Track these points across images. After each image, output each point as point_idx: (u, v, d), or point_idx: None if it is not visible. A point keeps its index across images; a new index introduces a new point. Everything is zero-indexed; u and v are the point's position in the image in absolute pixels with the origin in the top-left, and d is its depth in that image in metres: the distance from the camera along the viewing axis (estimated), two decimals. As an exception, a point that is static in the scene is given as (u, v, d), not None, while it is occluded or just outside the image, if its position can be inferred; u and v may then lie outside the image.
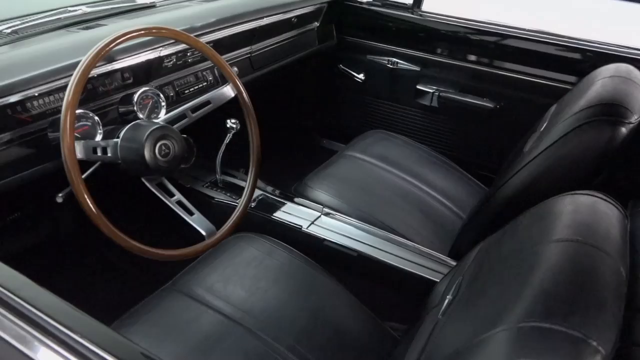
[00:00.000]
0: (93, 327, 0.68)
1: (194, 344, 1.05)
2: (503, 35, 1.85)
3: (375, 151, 1.81)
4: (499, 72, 1.88)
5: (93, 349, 0.63)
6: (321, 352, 1.09)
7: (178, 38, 1.18)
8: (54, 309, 0.68)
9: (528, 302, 0.59)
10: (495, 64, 1.88)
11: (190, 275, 1.21)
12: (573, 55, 1.74)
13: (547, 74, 1.79)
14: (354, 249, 1.38)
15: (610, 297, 0.60)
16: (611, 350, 0.55)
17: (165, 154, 1.09)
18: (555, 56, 1.77)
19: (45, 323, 0.65)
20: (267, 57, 1.77)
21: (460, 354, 0.62)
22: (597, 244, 0.67)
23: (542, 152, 1.20)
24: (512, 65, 1.86)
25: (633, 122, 1.14)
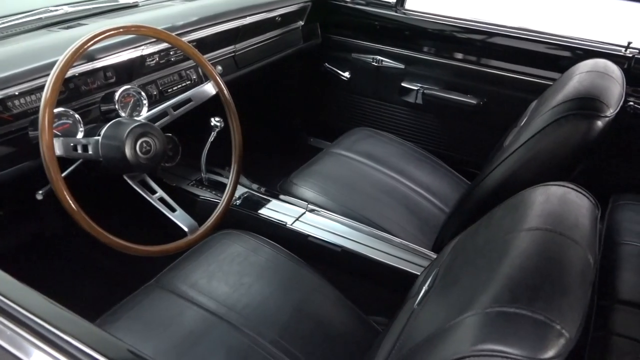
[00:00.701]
0: (79, 325, 0.69)
1: (178, 340, 1.05)
2: (486, 33, 1.87)
3: (360, 148, 1.82)
4: (482, 69, 1.90)
5: (79, 347, 0.64)
6: (304, 345, 1.11)
7: (157, 36, 1.18)
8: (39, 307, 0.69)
9: (496, 289, 0.61)
10: (478, 61, 1.91)
11: (174, 272, 1.22)
12: (554, 52, 1.77)
13: (529, 70, 1.82)
14: (338, 244, 1.39)
15: (576, 283, 0.62)
16: (575, 333, 0.56)
17: (146, 151, 1.09)
18: (537, 53, 1.80)
19: (30, 321, 0.66)
20: (252, 56, 1.78)
21: (432, 339, 0.63)
22: (565, 232, 0.69)
23: (521, 146, 1.22)
24: (495, 62, 1.88)
25: (609, 115, 1.16)
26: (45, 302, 0.72)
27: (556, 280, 0.61)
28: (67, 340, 0.65)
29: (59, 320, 0.68)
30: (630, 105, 1.68)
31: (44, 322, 0.66)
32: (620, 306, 1.26)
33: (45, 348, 0.64)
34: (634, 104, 1.67)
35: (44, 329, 0.65)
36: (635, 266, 1.37)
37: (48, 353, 0.64)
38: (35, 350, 0.65)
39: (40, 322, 0.66)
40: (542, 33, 1.80)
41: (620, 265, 1.38)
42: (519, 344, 0.54)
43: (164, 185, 1.62)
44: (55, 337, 0.65)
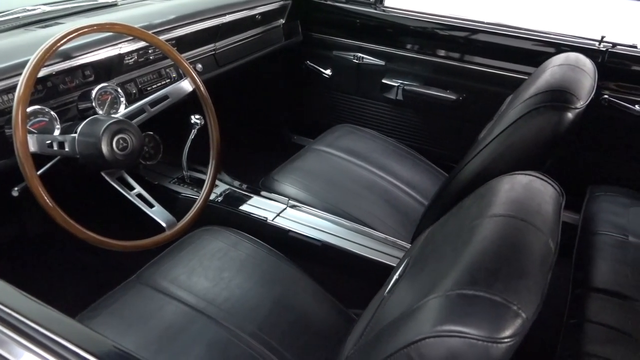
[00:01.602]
0: (59, 320, 0.70)
1: (157, 334, 1.06)
2: (464, 29, 1.89)
3: (342, 144, 1.84)
4: (461, 64, 1.92)
5: (61, 342, 0.65)
6: (283, 337, 1.12)
7: (131, 33, 1.19)
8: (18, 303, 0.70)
9: (457, 273, 0.63)
10: (457, 56, 1.93)
11: (154, 268, 1.23)
12: (531, 47, 1.79)
13: (507, 66, 1.84)
14: (318, 239, 1.41)
15: (535, 266, 0.64)
16: (533, 314, 0.58)
17: (123, 147, 1.10)
18: (514, 48, 1.82)
19: (10, 318, 0.67)
20: (233, 54, 1.79)
21: (396, 322, 0.65)
22: (527, 219, 0.71)
23: (494, 138, 1.25)
24: (473, 57, 1.90)
25: (579, 107, 1.18)
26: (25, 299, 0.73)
27: (515, 263, 0.63)
28: (48, 335, 0.65)
29: (39, 316, 0.68)
30: (605, 98, 1.71)
31: (24, 318, 0.67)
32: (595, 294, 1.29)
33: (25, 344, 0.65)
34: (609, 97, 1.71)
35: (24, 325, 0.66)
36: (610, 255, 1.41)
37: (29, 349, 0.65)
38: (16, 347, 0.65)
39: (21, 318, 0.67)
40: (519, 29, 1.83)
41: (596, 254, 1.41)
42: (477, 324, 0.56)
43: (145, 183, 1.63)
44: (35, 332, 0.66)
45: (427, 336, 0.57)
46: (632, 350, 1.15)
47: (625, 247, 1.42)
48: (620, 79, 1.70)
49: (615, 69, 1.69)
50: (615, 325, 1.20)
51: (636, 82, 1.68)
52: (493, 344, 0.55)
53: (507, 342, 0.55)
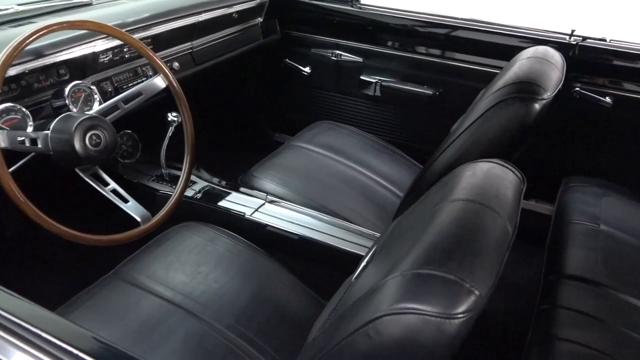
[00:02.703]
0: (37, 313, 0.71)
1: (134, 327, 1.07)
2: (440, 25, 1.92)
3: (320, 141, 1.86)
4: (437, 60, 1.96)
5: (44, 337, 0.66)
6: (260, 329, 1.14)
7: (102, 30, 1.20)
8: None
9: (415, 254, 0.65)
10: (433, 52, 1.96)
11: (132, 263, 1.24)
12: (504, 42, 1.83)
13: (482, 60, 1.88)
14: (295, 232, 1.42)
15: (490, 247, 0.66)
16: (486, 292, 0.60)
17: (96, 143, 1.11)
18: (488, 43, 1.86)
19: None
20: (210, 52, 1.80)
21: (357, 302, 0.67)
22: (484, 202, 0.73)
23: (465, 130, 1.27)
24: (449, 53, 1.93)
25: (546, 98, 1.21)
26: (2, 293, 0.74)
27: (470, 244, 0.65)
28: (27, 328, 0.67)
29: (17, 309, 0.70)
30: (577, 91, 1.75)
31: (5, 313, 0.68)
32: (567, 281, 1.33)
33: (4, 336, 0.66)
34: (580, 89, 1.74)
35: (6, 320, 0.67)
36: (582, 243, 1.44)
37: (8, 341, 0.66)
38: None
39: (3, 314, 0.68)
40: (493, 24, 1.86)
41: (568, 242, 1.45)
42: (431, 301, 0.58)
43: (125, 182, 1.64)
44: (14, 325, 0.67)
45: (384, 314, 0.59)
46: (602, 334, 1.18)
47: (597, 235, 1.46)
48: (591, 71, 1.73)
49: (586, 62, 1.73)
50: (586, 310, 1.23)
51: (606, 75, 1.72)
52: (447, 320, 0.57)
53: (461, 318, 0.57)
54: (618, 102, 1.70)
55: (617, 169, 1.82)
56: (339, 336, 0.63)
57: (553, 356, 1.09)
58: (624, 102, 1.70)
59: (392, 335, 0.58)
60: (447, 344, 0.58)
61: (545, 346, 1.12)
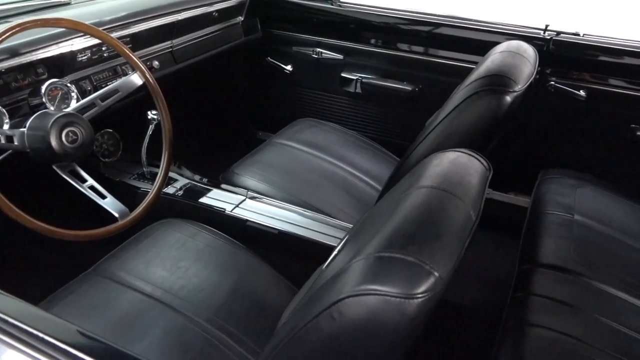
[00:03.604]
0: (24, 309, 0.72)
1: (113, 322, 1.08)
2: (418, 22, 1.95)
3: (302, 138, 1.88)
4: (416, 56, 1.98)
5: (31, 331, 0.67)
6: (239, 321, 1.15)
7: (78, 28, 1.21)
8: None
9: (378, 238, 0.67)
10: (412, 49, 1.99)
11: (111, 260, 1.25)
12: (481, 37, 1.86)
13: (459, 56, 1.91)
14: (275, 227, 1.44)
15: (451, 231, 0.68)
16: (446, 274, 0.62)
17: (72, 140, 1.12)
18: (465, 39, 1.89)
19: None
20: (191, 51, 1.81)
21: (323, 286, 0.69)
22: (448, 189, 0.75)
23: (439, 123, 1.30)
24: (427, 49, 1.97)
25: (517, 90, 1.24)
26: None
27: (431, 228, 0.67)
28: (11, 322, 0.68)
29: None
30: (552, 85, 1.78)
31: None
32: (540, 269, 1.35)
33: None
34: (555, 83, 1.78)
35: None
36: (556, 233, 1.47)
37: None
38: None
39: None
40: (470, 20, 1.89)
41: (543, 232, 1.48)
42: (391, 283, 0.60)
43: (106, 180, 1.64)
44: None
45: (347, 296, 0.60)
46: (574, 320, 1.21)
47: (571, 225, 1.49)
48: (565, 65, 1.77)
49: (560, 56, 1.76)
50: (558, 297, 1.26)
51: (580, 68, 1.76)
52: (407, 300, 0.59)
53: (420, 298, 0.59)
54: (591, 95, 1.74)
55: (592, 161, 1.86)
56: (305, 319, 0.65)
57: (525, 341, 1.12)
58: (597, 95, 1.74)
59: (354, 315, 0.60)
60: (408, 323, 0.60)
61: (518, 332, 1.15)
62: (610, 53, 1.71)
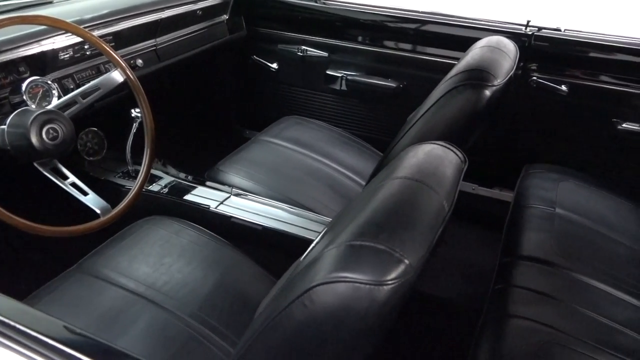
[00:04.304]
0: (8, 305, 0.73)
1: (95, 318, 1.09)
2: (402, 19, 1.97)
3: (287, 135, 1.88)
4: (400, 53, 2.00)
5: (16, 327, 0.68)
6: (222, 316, 1.16)
7: (56, 25, 1.20)
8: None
9: (351, 228, 0.68)
10: (396, 46, 2.00)
11: (95, 257, 1.25)
12: (464, 34, 1.88)
13: (443, 52, 1.93)
14: (259, 223, 1.45)
15: (422, 221, 0.69)
16: (417, 262, 0.63)
17: (53, 137, 1.12)
18: (448, 35, 1.91)
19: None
20: (175, 49, 1.81)
21: (297, 275, 0.70)
22: (421, 179, 0.76)
23: (420, 118, 1.31)
24: (411, 46, 1.98)
25: (496, 84, 1.25)
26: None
27: (402, 217, 0.68)
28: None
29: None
30: (534, 80, 1.80)
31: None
32: (521, 261, 1.37)
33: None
34: (537, 78, 1.80)
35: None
36: (538, 226, 1.49)
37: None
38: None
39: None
40: (453, 16, 1.91)
41: (524, 226, 1.49)
42: (361, 270, 0.61)
43: (92, 179, 1.65)
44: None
45: (318, 283, 0.61)
46: (554, 311, 1.23)
47: (552, 218, 1.50)
48: (547, 61, 1.79)
49: (542, 52, 1.78)
50: (538, 289, 1.28)
51: (561, 64, 1.78)
52: (376, 287, 0.60)
53: (390, 284, 0.60)
54: (573, 90, 1.76)
55: (574, 155, 1.88)
56: (278, 308, 0.66)
57: (504, 332, 1.13)
58: (578, 90, 1.76)
59: (325, 303, 0.61)
60: (378, 310, 0.61)
61: (498, 323, 1.16)
62: (591, 48, 1.73)
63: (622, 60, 1.72)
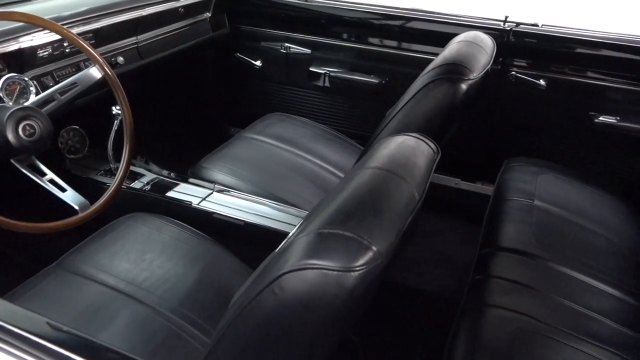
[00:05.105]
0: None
1: (76, 314, 1.09)
2: (383, 16, 1.98)
3: (270, 132, 1.89)
4: (382, 49, 2.02)
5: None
6: (203, 310, 1.16)
7: (32, 22, 1.20)
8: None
9: (321, 217, 0.69)
10: (378, 42, 2.02)
11: (75, 254, 1.25)
12: (444, 29, 1.89)
13: (424, 48, 1.94)
14: (241, 219, 1.46)
15: (391, 209, 0.70)
16: (385, 248, 0.64)
17: (30, 134, 1.12)
18: (429, 31, 1.93)
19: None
20: (157, 47, 1.81)
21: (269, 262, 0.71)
22: (392, 169, 0.78)
23: (398, 112, 1.33)
24: (393, 42, 2.00)
25: (472, 78, 1.27)
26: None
27: (370, 205, 0.69)
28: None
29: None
30: (513, 75, 1.82)
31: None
32: (500, 253, 1.39)
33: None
34: (516, 73, 1.82)
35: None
36: (516, 218, 1.51)
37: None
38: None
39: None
40: (434, 13, 1.93)
41: (504, 218, 1.51)
42: (330, 257, 0.62)
43: (74, 177, 1.64)
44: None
45: (287, 271, 0.62)
46: (531, 300, 1.25)
47: (531, 210, 1.53)
48: (525, 56, 1.81)
49: (520, 47, 1.81)
50: (517, 279, 1.29)
51: (540, 58, 1.80)
52: (344, 273, 0.61)
53: (358, 271, 0.61)
54: (551, 84, 1.79)
55: (553, 149, 1.90)
56: (250, 297, 0.67)
57: (482, 321, 1.15)
58: (556, 84, 1.79)
59: (294, 290, 0.62)
60: (346, 296, 0.62)
61: (476, 312, 1.18)
62: (568, 43, 1.76)
63: (599, 55, 1.74)
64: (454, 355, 1.08)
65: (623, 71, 1.72)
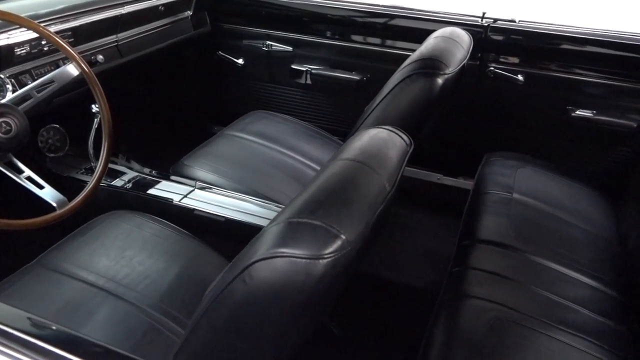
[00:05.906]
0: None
1: (55, 310, 1.09)
2: (364, 13, 2.00)
3: (253, 129, 1.90)
4: (363, 46, 2.03)
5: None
6: (184, 306, 1.17)
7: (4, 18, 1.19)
8: None
9: (292, 207, 0.70)
10: (358, 39, 2.04)
11: (55, 252, 1.25)
12: (423, 26, 1.91)
13: (404, 45, 1.96)
14: (222, 215, 1.46)
15: (361, 199, 0.72)
16: (354, 237, 0.66)
17: (6, 131, 1.12)
18: (408, 28, 1.95)
19: None
20: (137, 45, 1.81)
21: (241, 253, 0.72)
22: (363, 161, 0.79)
23: (376, 106, 1.34)
24: (373, 39, 2.02)
25: (448, 73, 1.29)
26: None
27: (340, 196, 0.71)
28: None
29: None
30: (491, 70, 1.85)
31: None
32: (479, 245, 1.41)
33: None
34: (494, 68, 1.84)
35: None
36: (495, 210, 1.53)
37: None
38: None
39: None
40: (413, 10, 1.95)
41: (483, 210, 1.54)
42: (298, 245, 0.63)
43: (54, 176, 1.64)
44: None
45: (257, 260, 0.63)
46: (509, 291, 1.27)
47: (509, 203, 1.55)
48: (503, 51, 1.84)
49: (498, 42, 1.83)
50: (495, 270, 1.32)
51: (517, 54, 1.83)
52: (313, 261, 0.62)
53: (327, 258, 0.63)
54: (529, 79, 1.81)
55: (532, 143, 1.93)
56: (221, 286, 0.68)
57: (460, 311, 1.17)
58: (534, 79, 1.81)
59: (264, 278, 0.63)
60: (314, 284, 0.63)
61: (454, 303, 1.20)
62: (545, 38, 1.79)
63: (575, 50, 1.77)
64: (431, 343, 1.10)
65: (599, 65, 1.75)
